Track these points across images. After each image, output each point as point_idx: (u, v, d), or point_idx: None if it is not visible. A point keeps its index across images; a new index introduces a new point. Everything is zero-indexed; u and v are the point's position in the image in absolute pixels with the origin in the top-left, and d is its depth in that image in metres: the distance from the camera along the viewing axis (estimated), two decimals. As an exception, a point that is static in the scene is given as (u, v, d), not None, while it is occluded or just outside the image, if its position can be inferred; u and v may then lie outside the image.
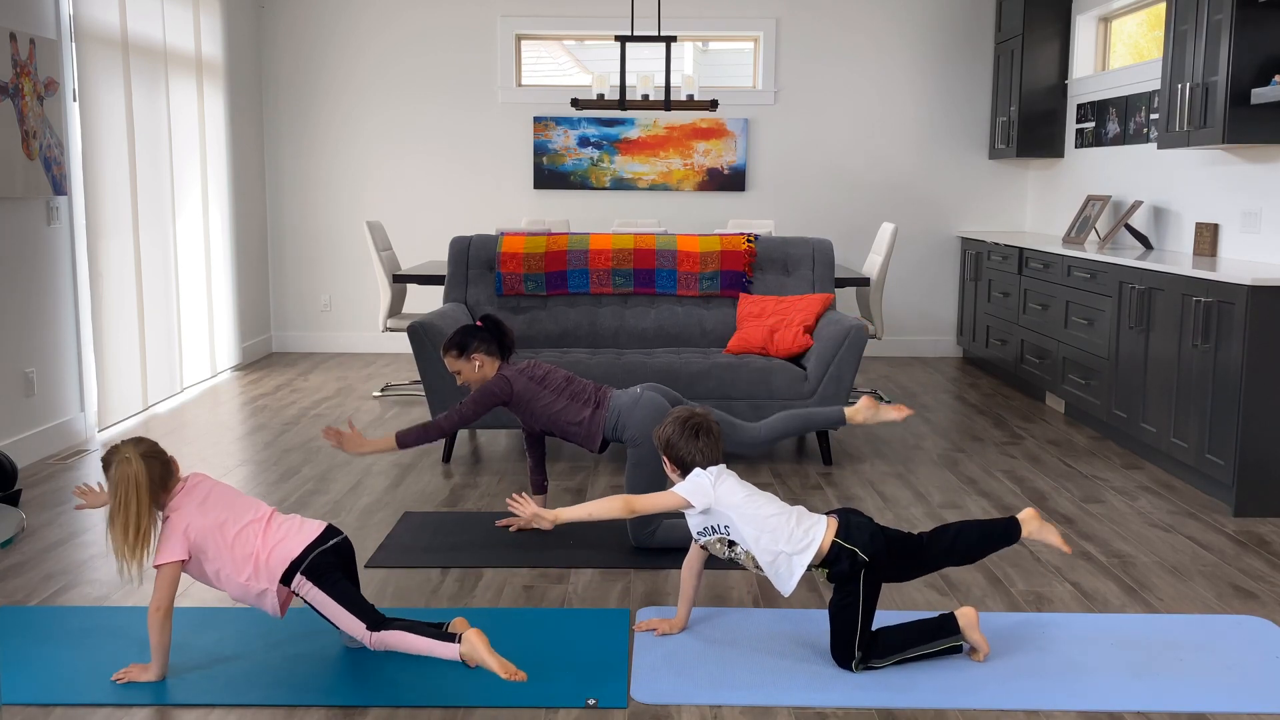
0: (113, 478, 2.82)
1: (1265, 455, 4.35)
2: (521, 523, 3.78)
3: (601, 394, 3.97)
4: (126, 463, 2.81)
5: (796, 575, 2.94)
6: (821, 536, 2.93)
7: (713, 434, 3.08)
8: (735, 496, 2.99)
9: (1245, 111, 4.87)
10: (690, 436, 3.06)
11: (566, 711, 2.75)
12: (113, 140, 5.87)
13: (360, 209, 8.25)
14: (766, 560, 2.96)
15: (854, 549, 2.92)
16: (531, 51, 8.52)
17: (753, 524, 2.95)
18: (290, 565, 2.88)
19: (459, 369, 3.98)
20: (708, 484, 2.99)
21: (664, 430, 3.11)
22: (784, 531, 2.94)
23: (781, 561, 2.94)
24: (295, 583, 2.89)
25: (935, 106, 8.11)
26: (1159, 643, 3.16)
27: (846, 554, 2.92)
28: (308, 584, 2.89)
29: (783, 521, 2.96)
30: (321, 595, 2.89)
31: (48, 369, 5.24)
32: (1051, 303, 6.26)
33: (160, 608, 2.82)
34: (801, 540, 2.93)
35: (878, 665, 2.96)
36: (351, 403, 6.45)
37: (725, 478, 3.02)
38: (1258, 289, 4.26)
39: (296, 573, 2.88)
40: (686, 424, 3.07)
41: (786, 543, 2.93)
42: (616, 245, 5.58)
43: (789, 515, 2.98)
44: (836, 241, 8.17)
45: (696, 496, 2.98)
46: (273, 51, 8.10)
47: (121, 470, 2.80)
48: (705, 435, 3.07)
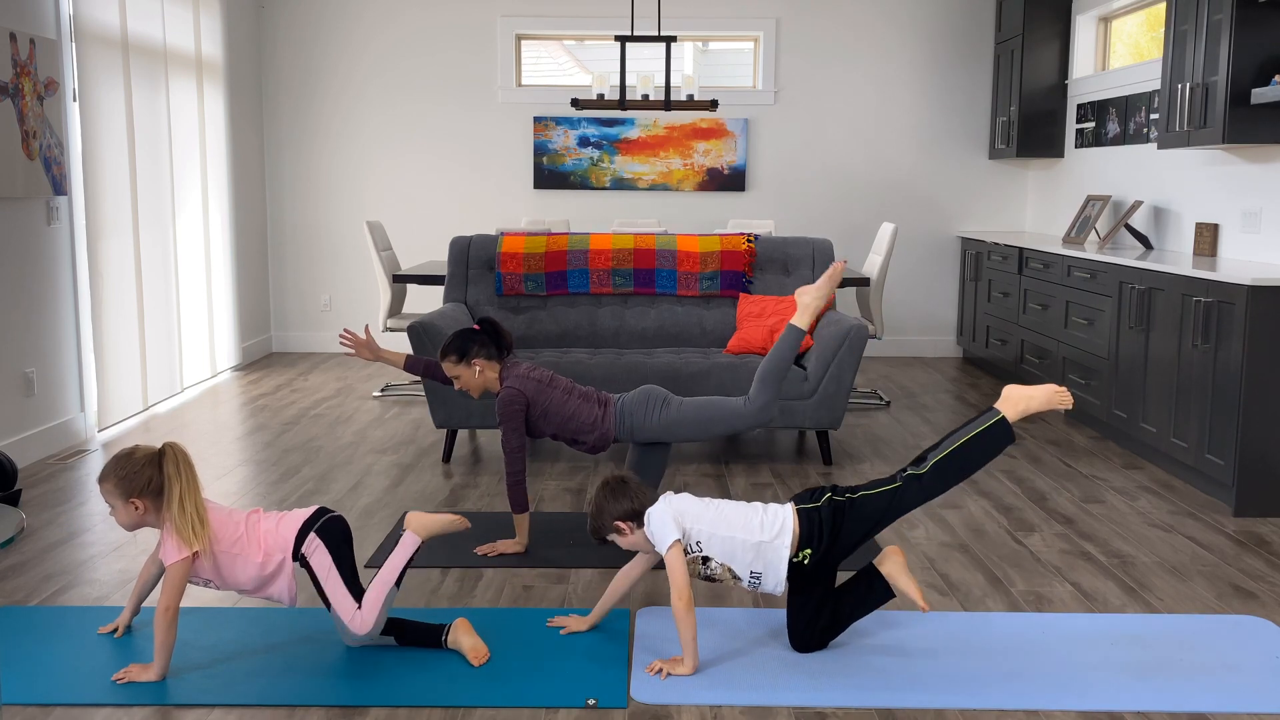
0: (168, 469, 2.85)
1: (1265, 455, 4.35)
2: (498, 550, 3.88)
3: (604, 397, 4.03)
4: (173, 447, 2.87)
5: (783, 564, 2.97)
6: (790, 517, 2.99)
7: (632, 481, 3.11)
8: (694, 507, 3.04)
9: (1245, 111, 4.87)
10: (620, 495, 3.06)
11: (566, 711, 2.75)
12: (113, 140, 5.87)
13: (360, 209, 8.25)
14: (748, 560, 2.99)
15: (816, 506, 2.99)
16: (531, 51, 8.52)
17: (723, 526, 3.00)
18: (303, 526, 2.94)
19: (459, 374, 3.93)
20: (666, 513, 3.00)
21: (600, 507, 3.08)
22: (755, 521, 3.00)
23: (766, 551, 2.97)
24: (307, 544, 2.93)
25: (935, 106, 8.11)
26: (1159, 643, 3.16)
27: (810, 515, 2.97)
28: (318, 546, 2.94)
29: (752, 513, 3.02)
30: (328, 562, 2.94)
31: (48, 369, 5.24)
32: (1051, 303, 6.26)
33: (170, 608, 2.82)
34: (773, 525, 2.98)
35: (923, 469, 3.01)
36: (351, 403, 6.45)
37: (674, 500, 3.06)
38: (1258, 289, 4.26)
39: (310, 532, 2.93)
40: (607, 488, 3.08)
41: (761, 531, 2.98)
42: (616, 245, 5.58)
43: (753, 507, 3.05)
44: (836, 241, 8.17)
45: (667, 534, 2.97)
46: (273, 51, 8.10)
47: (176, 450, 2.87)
48: (626, 484, 3.08)
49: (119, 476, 2.84)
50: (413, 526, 3.10)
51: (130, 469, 2.84)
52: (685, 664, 2.94)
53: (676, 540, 2.96)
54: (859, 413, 6.30)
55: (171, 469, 2.84)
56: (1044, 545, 4.02)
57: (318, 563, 2.94)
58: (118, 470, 2.84)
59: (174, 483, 2.83)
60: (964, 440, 3.00)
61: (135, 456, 2.86)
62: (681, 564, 2.94)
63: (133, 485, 2.83)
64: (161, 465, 2.85)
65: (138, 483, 2.83)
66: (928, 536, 4.12)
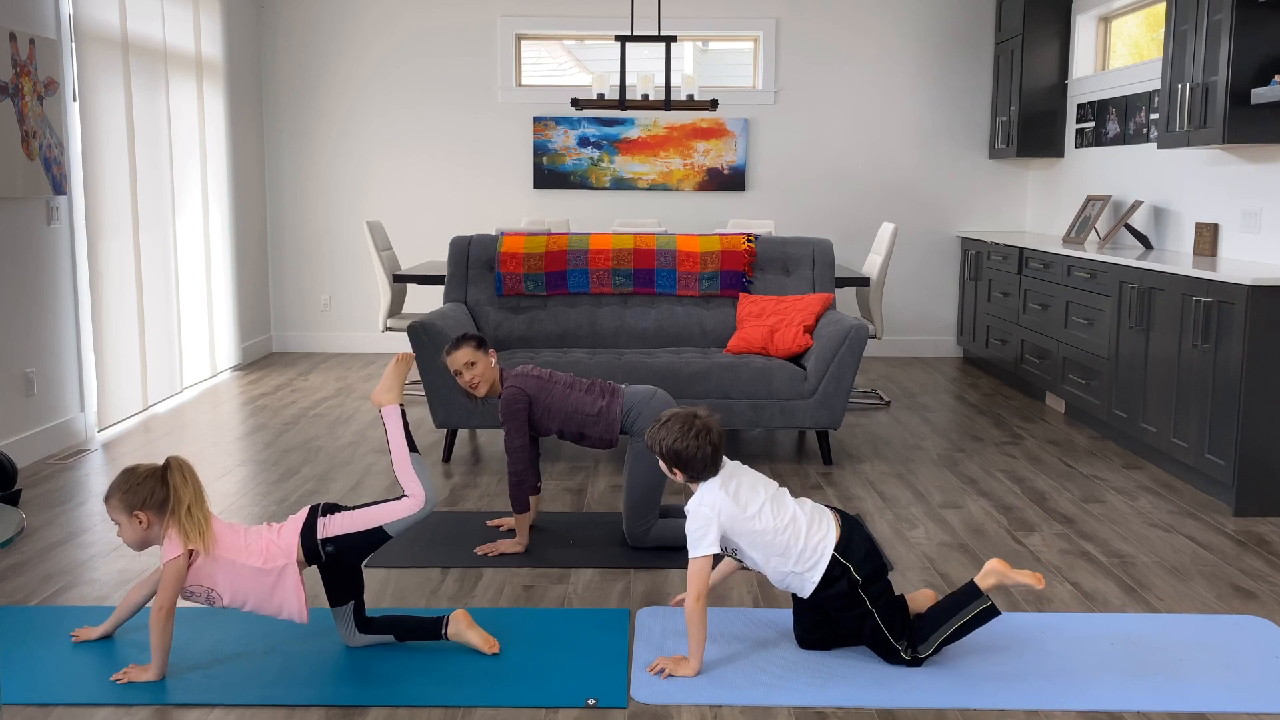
0: (174, 480, 2.86)
1: (1265, 455, 4.35)
2: (498, 550, 3.87)
3: (612, 386, 3.96)
4: (177, 460, 2.89)
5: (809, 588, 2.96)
6: (830, 550, 2.93)
7: (718, 434, 2.99)
8: (741, 519, 2.94)
9: (1245, 111, 4.87)
10: (698, 440, 2.95)
11: (566, 711, 2.75)
12: (113, 140, 5.87)
13: (360, 209, 8.25)
14: (777, 578, 3.01)
15: (848, 565, 2.93)
16: (531, 51, 8.52)
17: (760, 550, 2.96)
18: (305, 524, 2.95)
19: (475, 360, 3.86)
20: (713, 519, 2.93)
21: (663, 435, 2.99)
22: (793, 551, 2.94)
23: (793, 580, 2.98)
24: (321, 527, 2.95)
25: (935, 106, 8.11)
26: (1159, 643, 3.16)
27: (841, 569, 2.93)
28: (331, 518, 2.97)
29: (791, 539, 2.94)
30: (349, 514, 2.99)
31: (48, 369, 5.24)
32: (1051, 303, 6.26)
33: (164, 607, 2.83)
34: (810, 558, 2.94)
35: (923, 653, 2.96)
36: (351, 403, 6.45)
37: (726, 508, 2.94)
38: (1258, 289, 4.26)
39: (317, 522, 2.95)
40: (691, 427, 2.96)
41: (796, 563, 2.94)
42: (616, 245, 5.58)
43: (797, 529, 2.95)
44: (836, 241, 8.17)
45: (705, 542, 2.92)
46: (273, 51, 8.10)
47: (180, 463, 2.89)
48: (715, 437, 2.97)
49: (122, 491, 2.85)
50: (379, 400, 3.15)
51: (133, 483, 2.86)
52: (690, 665, 2.94)
53: (711, 553, 2.92)
54: (859, 413, 6.30)
55: (178, 479, 2.86)
56: (1044, 545, 4.02)
57: (341, 523, 2.97)
58: (121, 486, 2.86)
59: (181, 492, 2.85)
60: (958, 626, 2.98)
61: (138, 472, 2.88)
62: (706, 572, 2.93)
63: (136, 499, 2.84)
64: (165, 479, 2.86)
65: (140, 495, 2.84)
66: (928, 536, 4.12)
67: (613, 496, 4.62)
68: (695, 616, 2.92)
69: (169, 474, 2.86)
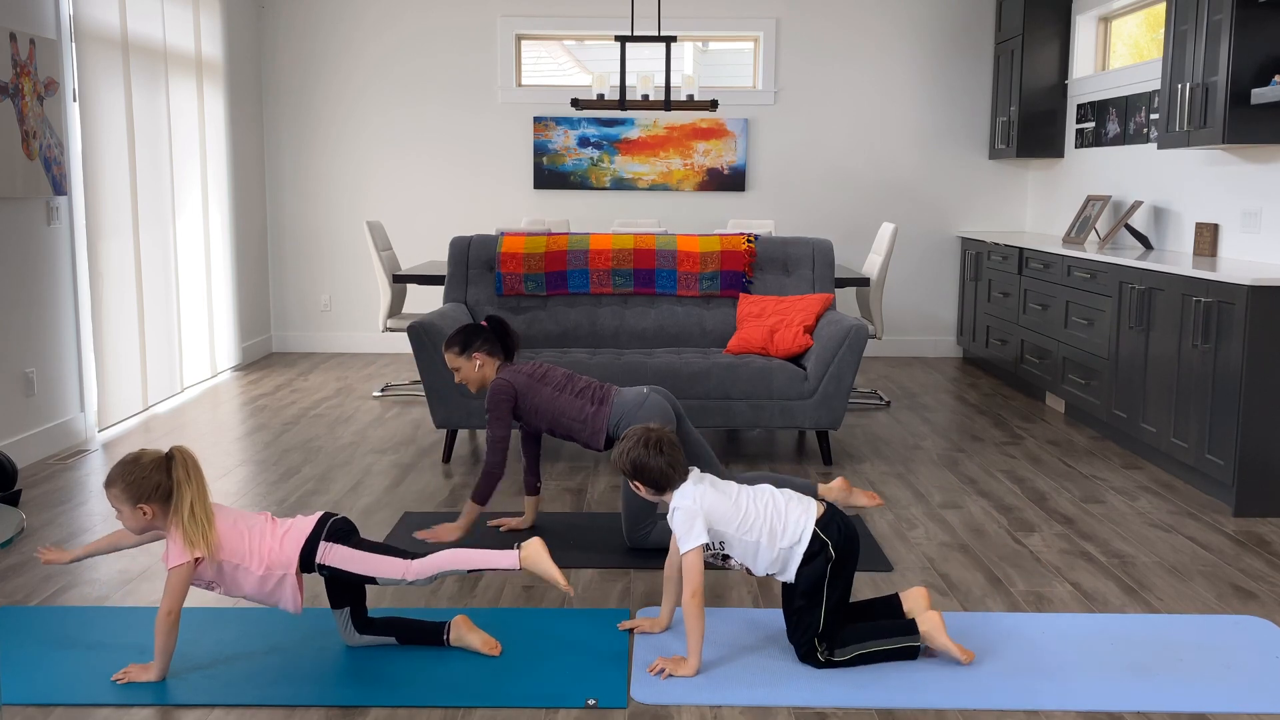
0: (178, 474, 2.83)
1: (1265, 455, 4.35)
2: (512, 524, 3.86)
3: (605, 391, 3.96)
4: (181, 451, 2.85)
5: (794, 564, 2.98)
6: (811, 525, 2.97)
7: (674, 445, 3.06)
8: (721, 506, 2.99)
9: (1245, 111, 4.87)
10: (655, 452, 3.01)
11: (566, 711, 2.75)
12: (113, 140, 5.87)
13: (360, 209, 8.25)
14: (766, 562, 3.01)
15: (827, 541, 2.96)
16: (531, 51, 8.52)
17: (752, 532, 2.98)
18: (307, 541, 2.92)
19: (458, 366, 4.00)
20: (695, 511, 2.96)
21: (628, 453, 3.04)
22: (778, 529, 2.98)
23: (780, 559, 2.99)
24: (320, 552, 2.91)
25: (935, 106, 8.11)
26: (1159, 643, 3.16)
27: (820, 544, 2.96)
28: (333, 547, 2.92)
29: (774, 515, 2.99)
30: (350, 552, 2.94)
31: (48, 369, 5.24)
32: (1051, 303, 6.26)
33: (171, 611, 2.81)
34: (794, 532, 2.97)
35: (838, 658, 2.96)
36: (351, 403, 6.45)
37: (708, 495, 3.00)
38: (1258, 289, 4.26)
39: (319, 542, 2.92)
40: (643, 441, 3.03)
41: (782, 538, 2.98)
42: (616, 245, 5.58)
43: (778, 506, 3.01)
44: (836, 241, 8.17)
45: (693, 536, 2.95)
46: (273, 51, 8.10)
47: (184, 455, 2.85)
48: (669, 448, 3.03)
49: (126, 482, 2.80)
50: (526, 556, 2.99)
51: (138, 474, 2.80)
52: (689, 664, 2.94)
53: (701, 545, 2.95)
54: (859, 413, 6.30)
55: (181, 474, 2.81)
56: (1044, 545, 4.02)
57: (340, 557, 2.92)
58: (125, 475, 2.81)
59: (184, 488, 2.80)
60: (882, 650, 2.98)
61: (142, 461, 2.82)
62: (700, 566, 2.94)
63: (141, 490, 2.80)
64: (170, 470, 2.82)
65: (145, 487, 2.80)
66: (928, 536, 4.12)
67: (612, 496, 4.62)
68: (693, 612, 2.92)
69: (173, 467, 2.82)
